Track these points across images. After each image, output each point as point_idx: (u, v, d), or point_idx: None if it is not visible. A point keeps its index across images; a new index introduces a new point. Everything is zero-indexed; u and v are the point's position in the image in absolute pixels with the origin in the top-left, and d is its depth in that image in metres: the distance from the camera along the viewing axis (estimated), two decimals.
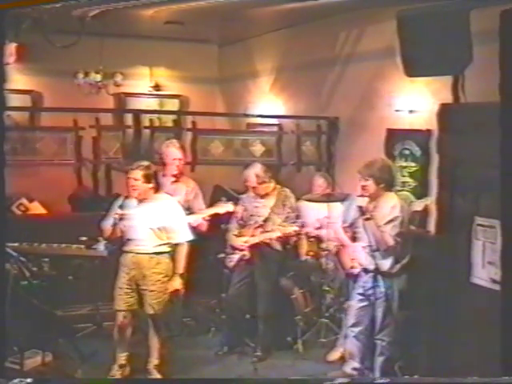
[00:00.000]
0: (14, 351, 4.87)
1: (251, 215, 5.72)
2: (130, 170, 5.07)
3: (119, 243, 5.21)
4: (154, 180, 5.08)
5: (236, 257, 5.71)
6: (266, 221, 5.66)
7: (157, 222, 5.05)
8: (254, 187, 5.69)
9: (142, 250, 5.05)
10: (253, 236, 5.64)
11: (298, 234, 6.16)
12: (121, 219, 5.02)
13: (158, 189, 5.15)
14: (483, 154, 4.17)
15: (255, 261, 5.66)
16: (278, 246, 5.69)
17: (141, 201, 5.07)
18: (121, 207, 5.06)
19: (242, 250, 5.67)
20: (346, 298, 5.50)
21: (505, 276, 3.76)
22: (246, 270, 5.71)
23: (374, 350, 5.04)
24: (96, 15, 6.34)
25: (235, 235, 5.73)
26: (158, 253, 5.06)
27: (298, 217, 5.78)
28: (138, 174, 5.01)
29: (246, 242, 5.64)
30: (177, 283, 5.08)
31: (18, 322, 4.58)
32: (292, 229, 5.60)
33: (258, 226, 5.67)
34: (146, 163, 5.13)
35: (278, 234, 5.56)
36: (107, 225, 5.16)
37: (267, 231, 5.62)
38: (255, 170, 5.69)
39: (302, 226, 5.97)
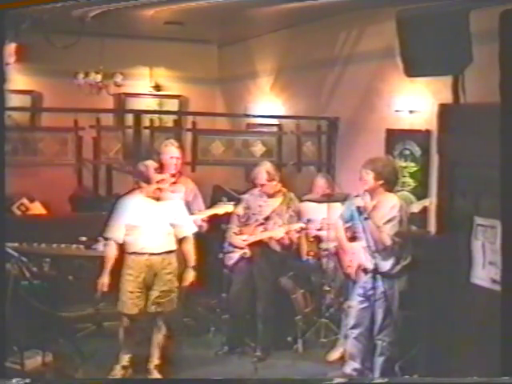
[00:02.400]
0: (13, 351, 4.87)
1: (253, 214, 5.72)
2: (154, 172, 5.02)
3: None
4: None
5: (236, 255, 5.72)
6: (267, 219, 5.66)
7: (168, 221, 5.07)
8: (263, 184, 5.68)
9: (156, 250, 5.04)
10: (253, 234, 5.65)
11: (298, 234, 6.18)
12: (135, 222, 4.99)
13: (163, 189, 5.18)
14: (483, 154, 4.17)
15: (255, 260, 5.66)
16: (277, 247, 5.69)
17: (156, 200, 5.07)
18: (137, 207, 5.03)
19: (241, 249, 5.67)
20: (346, 298, 5.50)
21: (505, 276, 3.76)
22: (245, 269, 5.71)
23: (374, 350, 5.04)
24: (96, 15, 6.36)
25: (235, 233, 5.73)
26: (168, 252, 5.07)
27: (299, 220, 5.77)
28: (159, 177, 5.05)
29: (245, 240, 5.64)
30: (190, 276, 5.12)
31: (18, 322, 4.59)
32: (298, 225, 5.59)
33: (259, 225, 5.67)
34: (157, 163, 5.18)
35: (282, 232, 5.55)
36: (119, 238, 5.05)
37: (268, 230, 5.62)
38: (266, 167, 5.71)
39: (304, 227, 5.95)
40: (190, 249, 5.16)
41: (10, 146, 6.31)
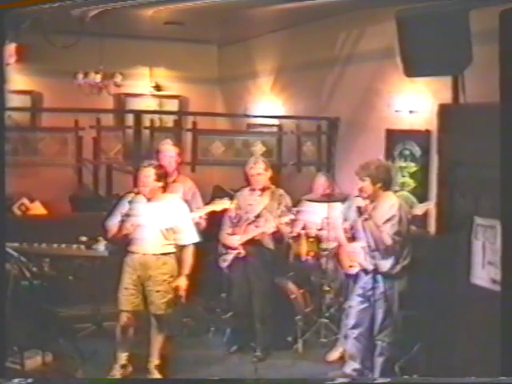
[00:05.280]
0: (14, 351, 4.87)
1: (245, 213, 5.71)
2: (141, 168, 5.09)
3: (123, 243, 5.16)
4: (163, 180, 5.11)
5: (230, 256, 5.71)
6: (258, 217, 5.66)
7: (165, 222, 5.05)
8: (259, 174, 5.68)
9: (149, 251, 5.03)
10: (245, 233, 5.65)
11: (298, 235, 6.19)
12: (128, 216, 4.99)
13: (165, 189, 5.17)
14: (483, 154, 4.18)
15: (249, 259, 5.66)
16: (271, 245, 5.69)
17: (149, 200, 5.07)
18: (130, 203, 5.03)
19: (235, 249, 5.67)
20: (346, 298, 5.50)
21: (505, 276, 3.76)
22: (241, 269, 5.70)
23: (374, 350, 5.04)
24: (96, 15, 6.36)
25: (228, 234, 5.73)
26: (164, 253, 5.05)
27: (292, 214, 5.74)
28: (150, 171, 5.03)
29: (238, 240, 5.63)
30: (183, 283, 5.08)
31: (18, 322, 4.59)
32: (288, 217, 5.58)
33: (250, 223, 5.67)
34: (156, 162, 5.23)
35: (273, 226, 5.54)
36: (113, 223, 5.09)
37: (259, 227, 5.61)
38: (261, 158, 5.87)
39: (294, 218, 5.91)
40: (187, 257, 5.11)
41: (10, 146, 6.31)
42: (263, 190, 5.71)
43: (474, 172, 4.46)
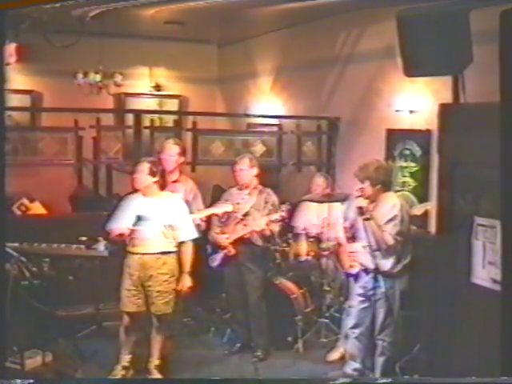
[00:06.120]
0: (14, 351, 4.87)
1: (233, 212, 5.69)
2: (137, 163, 5.10)
3: (123, 243, 5.16)
4: (158, 176, 5.09)
5: (219, 255, 5.71)
6: (246, 215, 5.65)
7: (164, 221, 5.04)
8: (242, 169, 5.67)
9: (149, 250, 5.02)
10: (234, 232, 5.64)
11: (294, 233, 6.19)
12: (131, 219, 4.99)
13: (162, 186, 5.16)
14: (483, 154, 4.17)
15: (239, 257, 5.66)
16: (260, 242, 5.68)
17: (145, 196, 5.06)
18: (129, 204, 5.03)
19: (224, 248, 5.66)
20: (346, 298, 5.50)
21: (505, 276, 3.76)
22: (232, 267, 5.71)
23: (374, 350, 5.04)
24: (96, 15, 6.37)
25: (217, 233, 5.73)
26: (164, 252, 5.04)
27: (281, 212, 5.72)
28: (143, 166, 5.03)
29: (227, 239, 5.62)
30: (187, 282, 5.09)
31: (18, 322, 4.59)
32: (278, 215, 5.57)
33: (239, 222, 5.66)
34: (153, 159, 5.24)
35: (262, 224, 5.55)
36: (119, 228, 5.06)
37: (248, 226, 5.60)
38: (248, 156, 5.88)
39: (284, 216, 5.87)
40: (187, 254, 5.11)
41: (9, 146, 6.31)
42: (248, 187, 5.70)
43: (474, 172, 4.45)
